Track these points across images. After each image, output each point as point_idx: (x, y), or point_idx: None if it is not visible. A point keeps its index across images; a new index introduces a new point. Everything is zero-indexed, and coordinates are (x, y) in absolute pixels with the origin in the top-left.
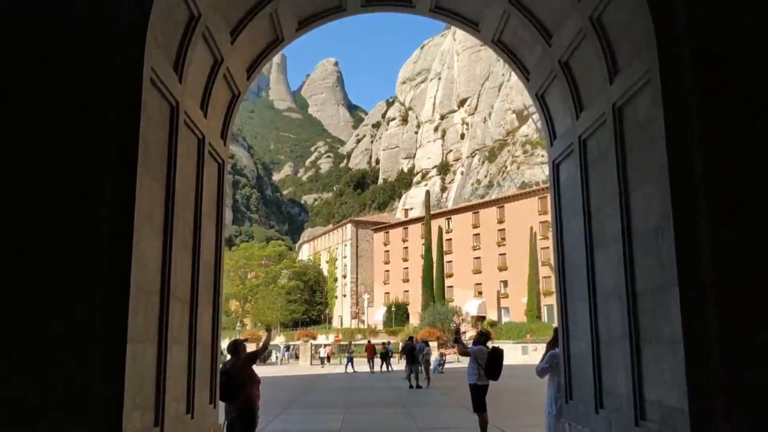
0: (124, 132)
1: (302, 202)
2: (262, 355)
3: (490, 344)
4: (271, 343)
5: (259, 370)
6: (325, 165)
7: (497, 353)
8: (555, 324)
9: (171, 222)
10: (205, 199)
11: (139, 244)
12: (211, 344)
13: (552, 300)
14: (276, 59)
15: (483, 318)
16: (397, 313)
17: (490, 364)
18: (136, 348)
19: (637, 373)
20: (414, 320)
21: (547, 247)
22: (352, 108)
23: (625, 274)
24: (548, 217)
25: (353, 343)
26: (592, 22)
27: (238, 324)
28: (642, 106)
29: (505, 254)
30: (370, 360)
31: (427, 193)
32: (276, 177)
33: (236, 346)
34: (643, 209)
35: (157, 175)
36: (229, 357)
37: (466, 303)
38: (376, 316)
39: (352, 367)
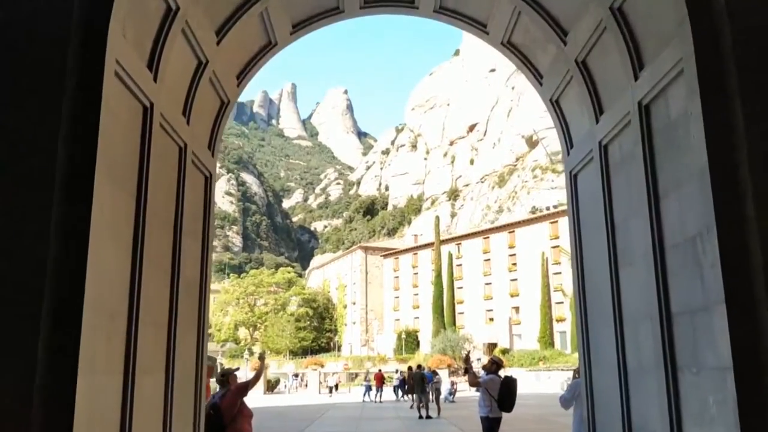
0: (81, 129)
1: (312, 228)
2: (255, 385)
3: (502, 373)
4: (280, 371)
5: (266, 399)
6: (334, 192)
7: (510, 383)
8: (568, 349)
9: (142, 236)
10: (188, 213)
11: (98, 260)
12: (195, 374)
13: (565, 326)
14: (287, 88)
15: (494, 345)
16: (407, 341)
17: (503, 394)
18: (93, 381)
19: (675, 408)
20: (424, 347)
21: (559, 273)
22: (361, 135)
23: (657, 293)
24: (560, 242)
25: (370, 371)
26: (612, 12)
27: (246, 352)
28: (674, 101)
29: (516, 280)
30: (379, 389)
31: (437, 218)
32: (286, 204)
33: (226, 376)
34: (678, 218)
35: (124, 182)
36: (218, 388)
37: (478, 329)
38: (386, 343)
39: (372, 396)
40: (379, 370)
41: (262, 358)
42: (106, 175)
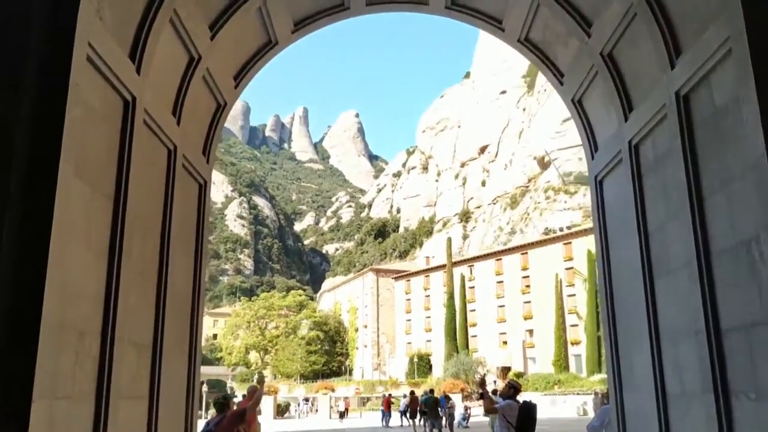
0: (45, 116)
1: (324, 251)
2: (253, 410)
3: (520, 398)
4: (290, 395)
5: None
6: (346, 215)
7: (529, 408)
8: (583, 373)
9: (120, 243)
10: (178, 222)
11: (62, 268)
12: (186, 402)
13: (580, 349)
14: (298, 112)
15: (508, 368)
16: (420, 364)
17: (522, 421)
18: (54, 407)
19: None
20: (437, 371)
21: (573, 295)
22: (372, 158)
23: (704, 306)
24: (573, 264)
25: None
26: None
27: (255, 376)
28: (719, 87)
29: (530, 302)
30: (386, 414)
31: (449, 239)
32: (297, 227)
33: (224, 401)
34: (727, 219)
35: (98, 181)
36: (215, 413)
37: (491, 353)
38: (398, 367)
39: (390, 420)
40: (389, 395)
41: (260, 381)
42: (75, 172)
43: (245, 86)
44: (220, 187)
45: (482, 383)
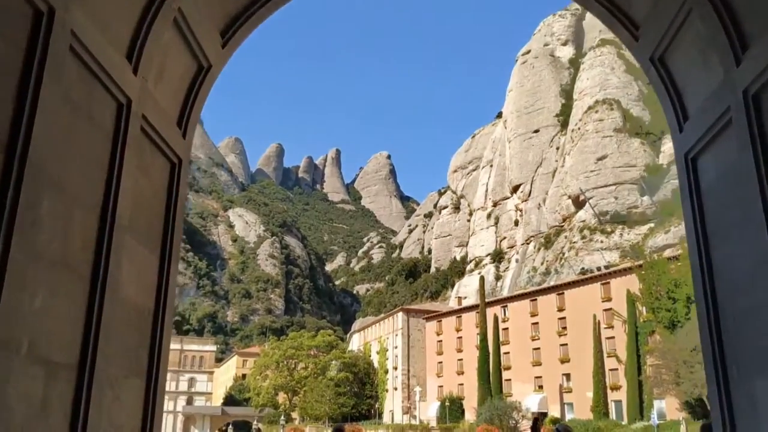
0: None
1: (354, 292)
2: None
3: None
4: None
5: None
6: (377, 255)
7: None
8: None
9: (12, 206)
10: (132, 204)
11: None
12: None
13: (620, 395)
14: (331, 153)
15: (544, 414)
16: (452, 408)
17: None
18: None
19: None
20: (469, 416)
21: (612, 337)
22: (404, 199)
23: None
24: (612, 305)
25: None
26: None
27: (283, 418)
28: None
29: (566, 344)
30: None
31: (482, 278)
32: (329, 267)
33: None
34: None
35: None
36: None
37: (526, 398)
38: (429, 411)
39: None
40: None
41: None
42: None
43: (236, 47)
44: (252, 227)
45: (536, 421)
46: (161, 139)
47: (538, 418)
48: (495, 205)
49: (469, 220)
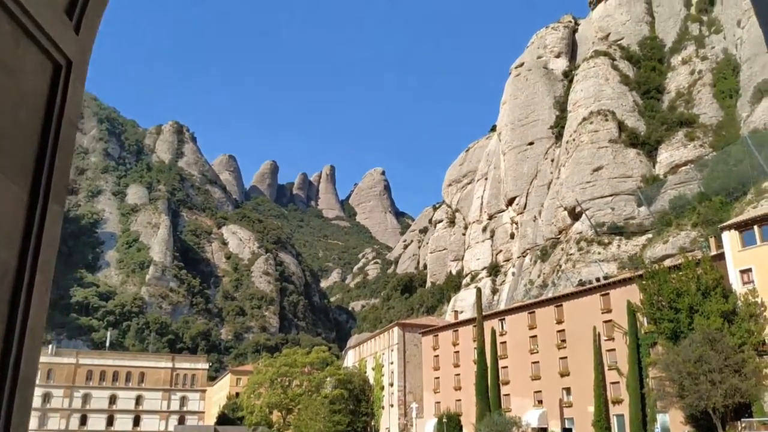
0: None
1: (350, 308)
2: None
3: None
4: None
5: None
6: (372, 271)
7: None
8: None
9: None
10: None
11: None
12: None
13: (622, 409)
14: (325, 170)
15: (545, 429)
16: (449, 425)
17: None
18: None
19: None
20: None
21: (613, 350)
22: (399, 215)
23: None
24: (612, 316)
25: None
26: None
27: None
28: None
29: (566, 357)
30: None
31: (478, 290)
32: (324, 284)
33: None
34: None
35: None
36: None
37: (526, 413)
38: (426, 427)
39: None
40: None
41: None
42: None
43: None
44: (246, 244)
45: None
46: (39, 29)
47: None
48: (490, 218)
49: (464, 234)
